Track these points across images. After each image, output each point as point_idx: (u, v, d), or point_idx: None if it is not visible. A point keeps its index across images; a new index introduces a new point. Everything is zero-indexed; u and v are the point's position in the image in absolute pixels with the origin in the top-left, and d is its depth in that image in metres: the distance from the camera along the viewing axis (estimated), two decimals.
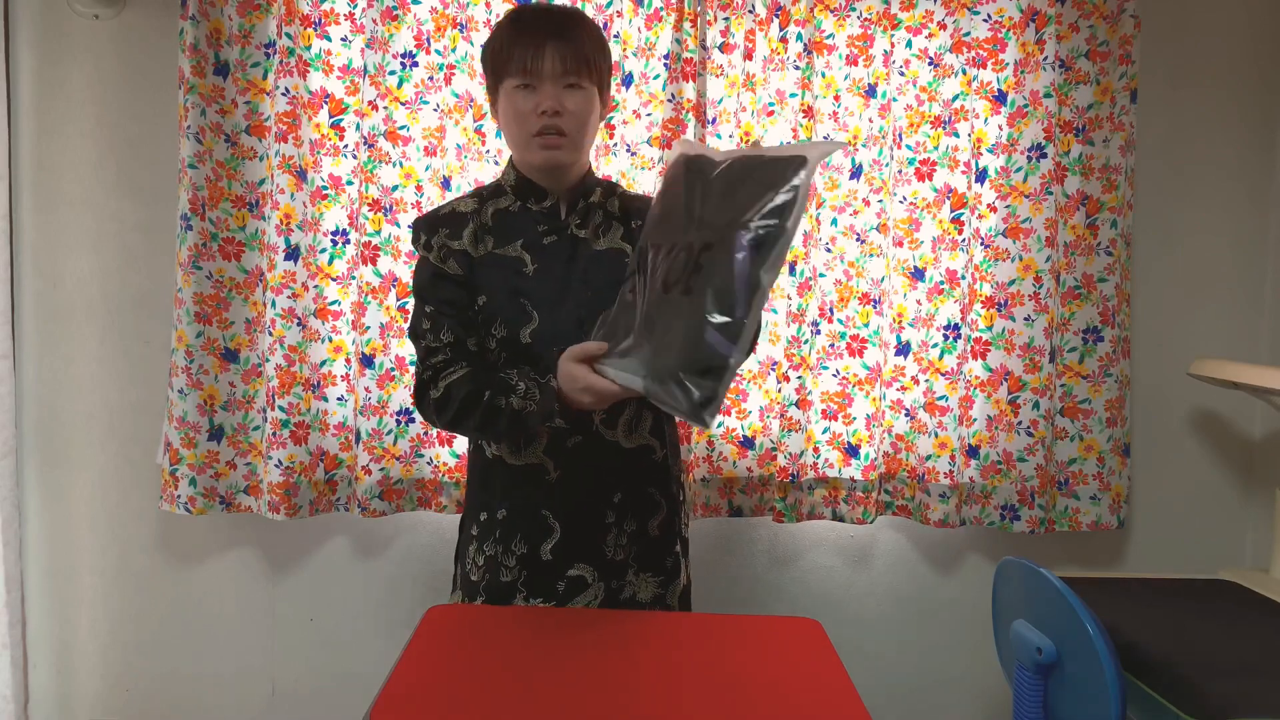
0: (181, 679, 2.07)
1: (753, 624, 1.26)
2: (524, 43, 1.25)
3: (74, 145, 1.95)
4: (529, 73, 1.25)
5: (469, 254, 1.32)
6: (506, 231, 1.34)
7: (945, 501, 1.95)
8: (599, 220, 1.36)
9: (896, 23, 1.91)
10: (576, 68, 1.26)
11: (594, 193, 1.37)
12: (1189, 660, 1.33)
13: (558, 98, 1.26)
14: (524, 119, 1.27)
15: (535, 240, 1.33)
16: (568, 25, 1.28)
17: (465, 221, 1.33)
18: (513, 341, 1.30)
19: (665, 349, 1.09)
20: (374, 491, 1.91)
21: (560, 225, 1.34)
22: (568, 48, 1.25)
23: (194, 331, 1.86)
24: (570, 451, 1.32)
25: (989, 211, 1.94)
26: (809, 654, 1.17)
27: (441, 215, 1.35)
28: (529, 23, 1.28)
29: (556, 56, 1.25)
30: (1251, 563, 2.08)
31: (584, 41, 1.27)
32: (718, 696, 1.02)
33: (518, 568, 1.33)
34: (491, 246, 1.33)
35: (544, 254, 1.33)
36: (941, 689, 2.11)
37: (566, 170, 1.32)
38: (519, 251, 1.33)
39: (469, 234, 1.33)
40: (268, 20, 1.84)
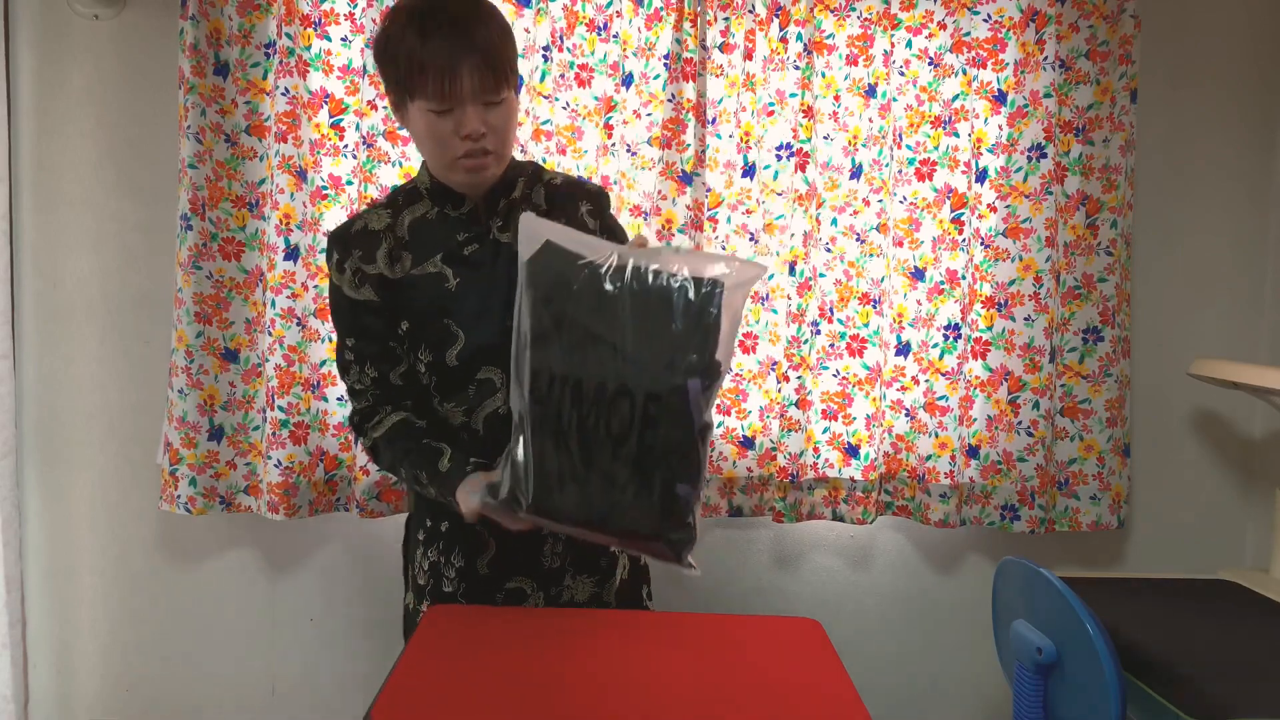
0: (181, 679, 2.07)
1: (753, 624, 1.26)
2: (436, 62, 1.12)
3: (74, 145, 1.95)
4: (446, 98, 1.13)
5: (385, 277, 1.25)
6: (424, 245, 1.25)
7: (945, 501, 1.95)
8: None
9: (896, 23, 1.91)
10: (496, 83, 1.14)
11: (515, 187, 1.28)
12: (1189, 660, 1.33)
13: (480, 118, 1.15)
14: (444, 142, 1.17)
15: (455, 251, 1.25)
16: (478, 32, 1.13)
17: (379, 241, 1.25)
18: (439, 365, 1.25)
19: (630, 508, 1.03)
20: (372, 492, 1.91)
21: (481, 231, 1.26)
22: (485, 62, 1.13)
23: (194, 331, 1.86)
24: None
25: (989, 211, 1.94)
26: (809, 654, 1.17)
27: (354, 233, 1.26)
28: (438, 37, 1.12)
29: (475, 76, 1.12)
30: (1251, 563, 2.08)
31: (496, 46, 1.15)
32: (718, 696, 1.02)
33: (457, 579, 1.33)
34: (410, 265, 1.25)
35: (465, 265, 1.25)
36: (941, 689, 2.11)
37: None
38: (439, 266, 1.25)
39: (383, 255, 1.25)
40: (268, 20, 1.84)
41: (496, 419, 1.27)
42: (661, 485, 1.02)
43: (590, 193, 1.34)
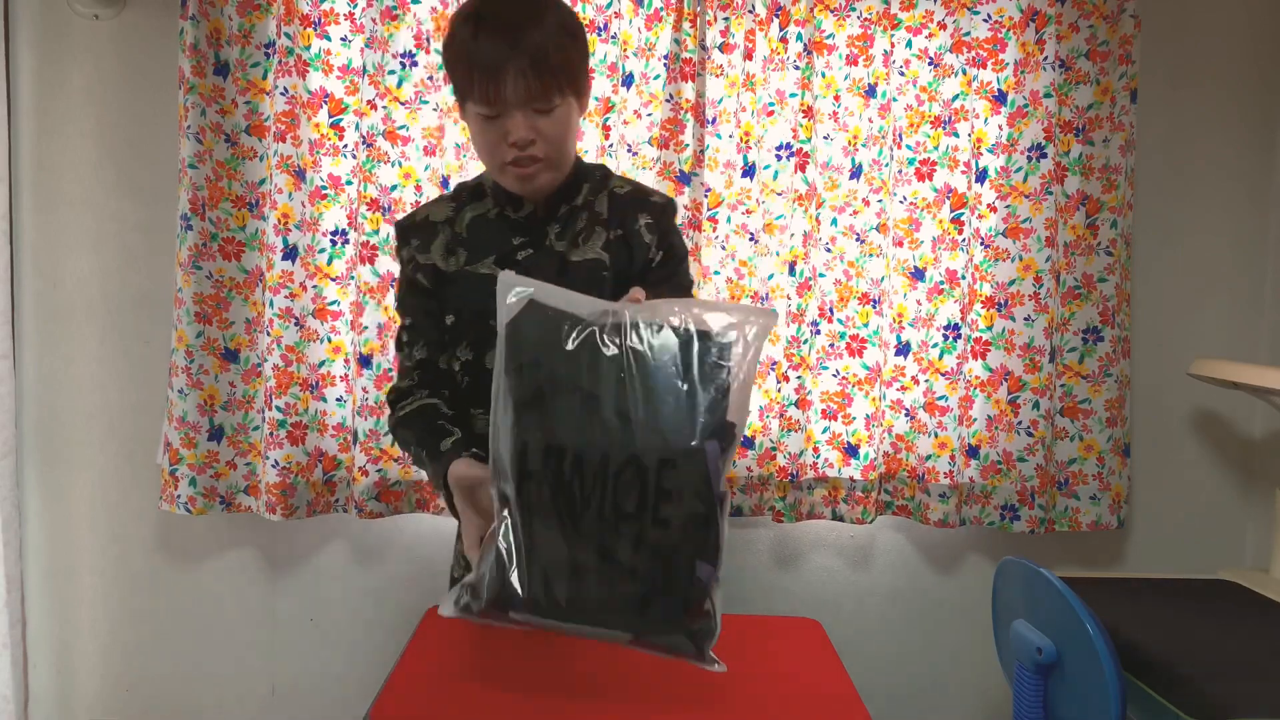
0: (181, 679, 2.07)
1: (753, 624, 1.26)
2: (483, 66, 1.09)
3: (74, 145, 1.95)
4: (492, 102, 1.11)
5: (438, 268, 1.25)
6: (481, 244, 1.25)
7: (945, 501, 1.95)
8: (580, 225, 1.25)
9: (896, 23, 1.91)
10: (546, 89, 1.11)
11: (579, 192, 1.27)
12: (1189, 660, 1.33)
13: (529, 125, 1.12)
14: (494, 148, 1.16)
15: (509, 255, 1.24)
16: (532, 30, 1.10)
17: (436, 232, 1.26)
18: (477, 365, 1.25)
19: (643, 597, 0.91)
20: (371, 493, 1.91)
21: (538, 237, 1.25)
22: (533, 68, 1.09)
23: (194, 331, 1.86)
24: None
25: (989, 211, 1.94)
26: (809, 654, 1.17)
27: (416, 223, 1.28)
28: (486, 38, 1.10)
29: (521, 81, 1.09)
30: (1251, 563, 2.08)
31: (550, 52, 1.11)
32: (718, 696, 1.02)
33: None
34: (464, 261, 1.25)
35: (516, 269, 1.19)
36: (941, 689, 2.11)
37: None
38: (491, 268, 1.23)
39: (439, 246, 1.26)
40: (267, 20, 1.84)
41: None
42: (679, 567, 0.91)
43: (653, 205, 1.28)
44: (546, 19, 1.12)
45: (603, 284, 1.24)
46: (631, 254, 1.26)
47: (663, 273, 1.29)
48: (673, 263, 1.31)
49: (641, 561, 0.91)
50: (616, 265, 1.25)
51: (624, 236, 1.26)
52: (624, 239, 1.25)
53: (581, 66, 1.18)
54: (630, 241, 1.26)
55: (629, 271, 1.25)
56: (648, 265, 1.27)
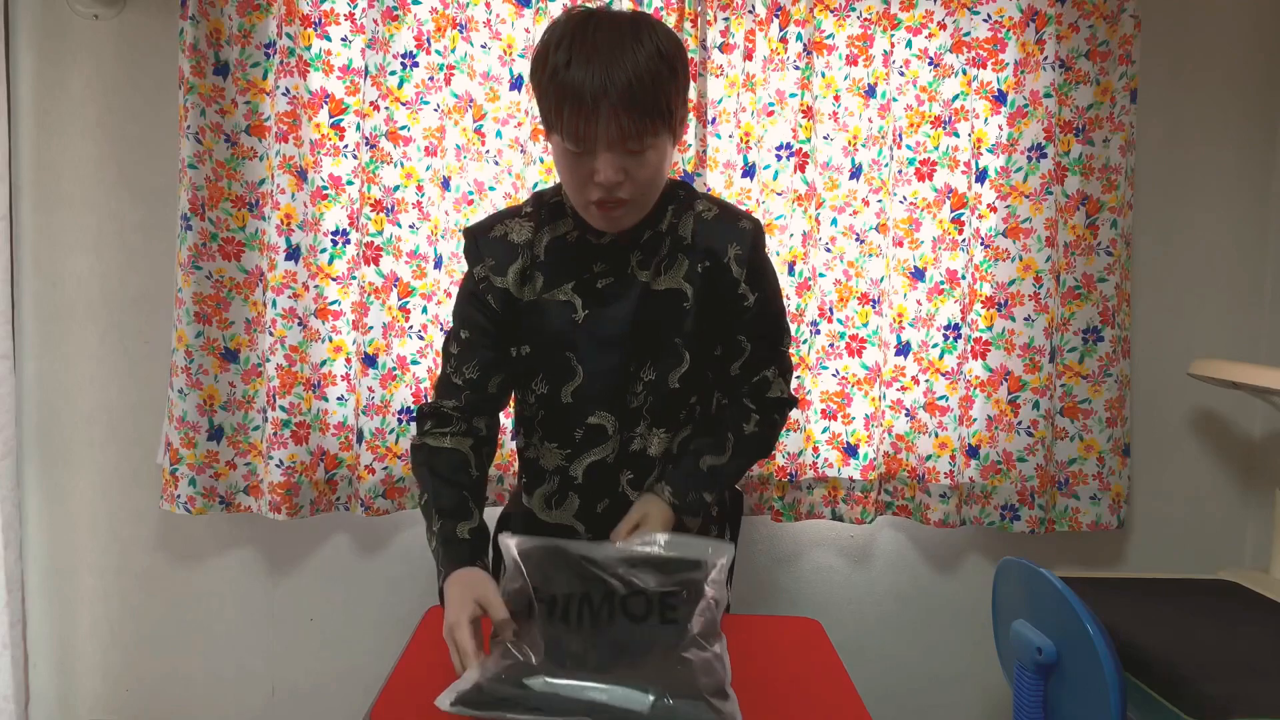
0: (181, 679, 2.07)
1: (753, 624, 1.26)
2: (573, 101, 1.01)
3: (74, 145, 1.95)
4: (582, 140, 1.03)
5: (511, 294, 1.19)
6: (559, 269, 1.19)
7: (945, 501, 1.95)
8: (665, 251, 1.19)
9: (896, 23, 1.91)
10: (638, 132, 1.03)
11: (663, 216, 1.19)
12: (1189, 660, 1.33)
13: (617, 167, 1.05)
14: (579, 184, 1.09)
15: (589, 281, 1.19)
16: (625, 69, 1.00)
17: (515, 255, 1.19)
18: (553, 400, 1.22)
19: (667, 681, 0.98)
20: (377, 490, 1.92)
21: (619, 264, 1.19)
22: (627, 108, 1.01)
23: (194, 331, 1.86)
24: (600, 516, 1.26)
25: (989, 211, 1.94)
26: (809, 654, 1.17)
27: (492, 239, 1.21)
28: (579, 68, 1.01)
29: (615, 122, 1.01)
30: (1251, 563, 2.08)
31: (646, 88, 1.01)
32: None
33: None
34: (540, 289, 1.19)
35: (596, 298, 1.19)
36: (941, 689, 2.11)
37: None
38: (569, 295, 1.18)
39: (516, 271, 1.19)
40: (268, 20, 1.84)
41: (600, 468, 1.23)
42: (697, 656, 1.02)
43: (742, 232, 1.20)
44: (643, 47, 1.03)
45: (682, 316, 1.19)
46: (719, 289, 1.20)
47: (754, 328, 1.24)
48: (766, 311, 1.25)
49: (652, 652, 1.01)
50: (700, 297, 1.19)
51: (711, 269, 1.19)
52: (710, 271, 1.19)
53: (679, 100, 1.10)
54: (717, 274, 1.20)
55: (718, 305, 1.21)
56: (740, 305, 1.22)
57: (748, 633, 1.21)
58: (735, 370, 1.27)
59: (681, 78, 1.09)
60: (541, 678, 0.96)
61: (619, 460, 1.24)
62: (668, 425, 1.24)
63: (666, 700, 0.93)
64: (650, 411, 1.23)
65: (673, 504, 1.20)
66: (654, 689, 0.94)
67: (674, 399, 1.23)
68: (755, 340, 1.26)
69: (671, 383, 1.21)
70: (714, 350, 1.25)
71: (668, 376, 1.21)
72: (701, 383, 1.26)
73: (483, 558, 1.14)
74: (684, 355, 1.21)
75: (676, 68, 1.07)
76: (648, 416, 1.23)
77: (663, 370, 1.21)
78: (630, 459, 1.25)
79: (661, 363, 1.21)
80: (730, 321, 1.23)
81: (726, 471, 1.25)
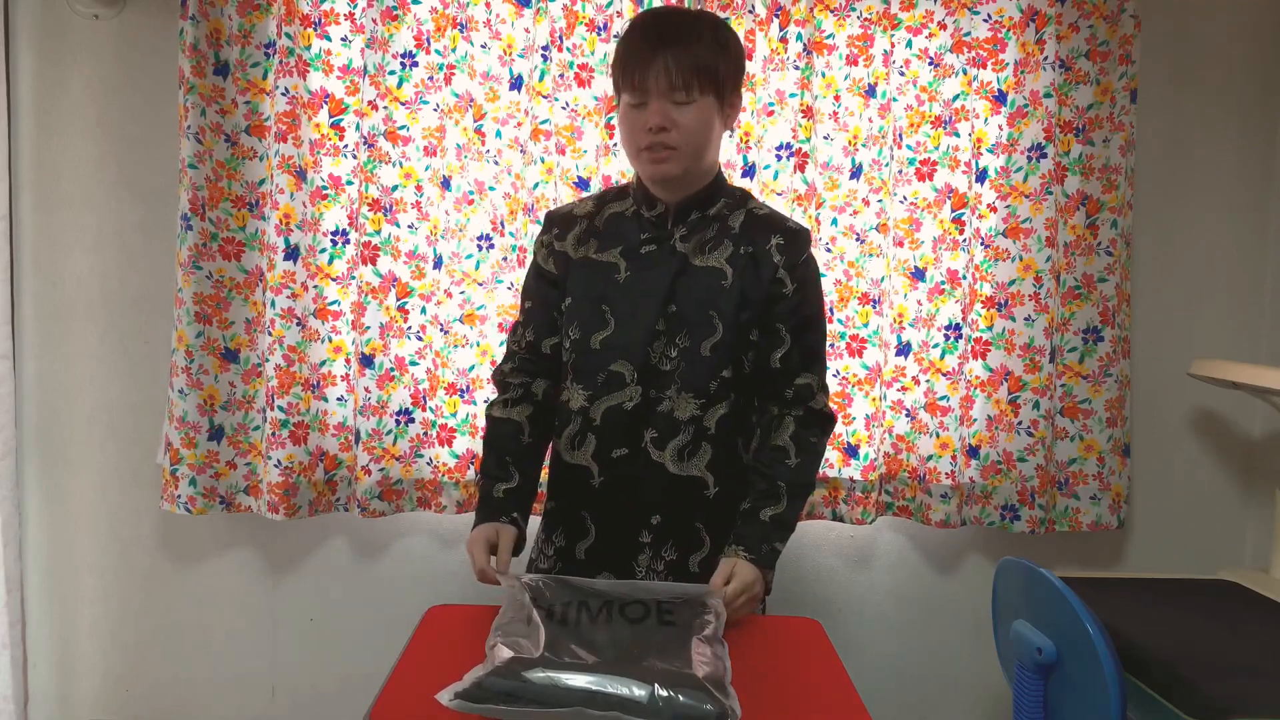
0: (181, 679, 2.07)
1: (753, 624, 1.26)
2: (635, 56, 1.23)
3: (74, 145, 1.95)
4: (637, 88, 1.23)
5: (568, 255, 1.35)
6: (612, 235, 1.35)
7: (946, 502, 1.95)
8: (710, 234, 1.33)
9: (896, 23, 1.91)
10: (686, 81, 1.21)
11: (715, 204, 1.34)
12: (1189, 660, 1.33)
13: (665, 114, 1.22)
14: (634, 134, 1.26)
15: (634, 247, 1.33)
16: (683, 33, 1.23)
17: (575, 223, 1.37)
18: (584, 345, 1.33)
19: (666, 671, 0.99)
20: (374, 492, 1.91)
21: (664, 235, 1.33)
22: (679, 60, 1.21)
23: (194, 331, 1.86)
24: (614, 462, 1.34)
25: (989, 211, 1.94)
26: (809, 654, 1.17)
27: (562, 214, 1.39)
28: (643, 33, 1.24)
29: (664, 71, 1.20)
30: (1251, 563, 2.08)
31: (699, 50, 1.22)
32: None
33: (555, 558, 1.39)
34: (593, 250, 1.35)
35: (638, 262, 1.32)
36: (941, 689, 2.11)
37: (680, 181, 1.30)
38: (615, 258, 1.33)
39: (574, 236, 1.36)
40: (268, 20, 1.84)
41: (616, 413, 1.32)
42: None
43: (788, 229, 1.34)
44: (702, 32, 1.24)
45: (719, 294, 1.30)
46: (759, 272, 1.32)
47: (794, 321, 1.33)
48: (807, 312, 1.35)
49: (666, 648, 1.03)
50: (741, 283, 1.31)
51: (753, 254, 1.32)
52: (753, 256, 1.32)
53: (728, 75, 1.26)
54: (759, 259, 1.32)
55: (756, 290, 1.31)
56: (777, 290, 1.32)
57: (748, 633, 1.21)
58: (776, 362, 1.34)
59: (733, 59, 1.28)
60: (541, 670, 0.96)
61: (643, 415, 1.32)
62: (697, 392, 1.31)
63: (665, 690, 0.93)
64: (681, 376, 1.31)
65: (749, 558, 1.26)
66: (653, 679, 0.95)
67: (705, 366, 1.31)
68: (794, 335, 1.34)
69: (704, 350, 1.30)
70: (750, 334, 1.33)
71: (700, 344, 1.31)
72: (733, 358, 1.33)
73: (513, 514, 1.30)
74: (717, 327, 1.31)
75: (728, 47, 1.27)
76: (679, 380, 1.31)
77: (696, 338, 1.31)
78: (657, 418, 1.32)
79: (696, 331, 1.31)
80: (769, 308, 1.32)
81: (788, 516, 1.33)
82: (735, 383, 1.33)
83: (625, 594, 1.14)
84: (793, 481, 1.33)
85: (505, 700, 0.94)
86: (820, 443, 1.38)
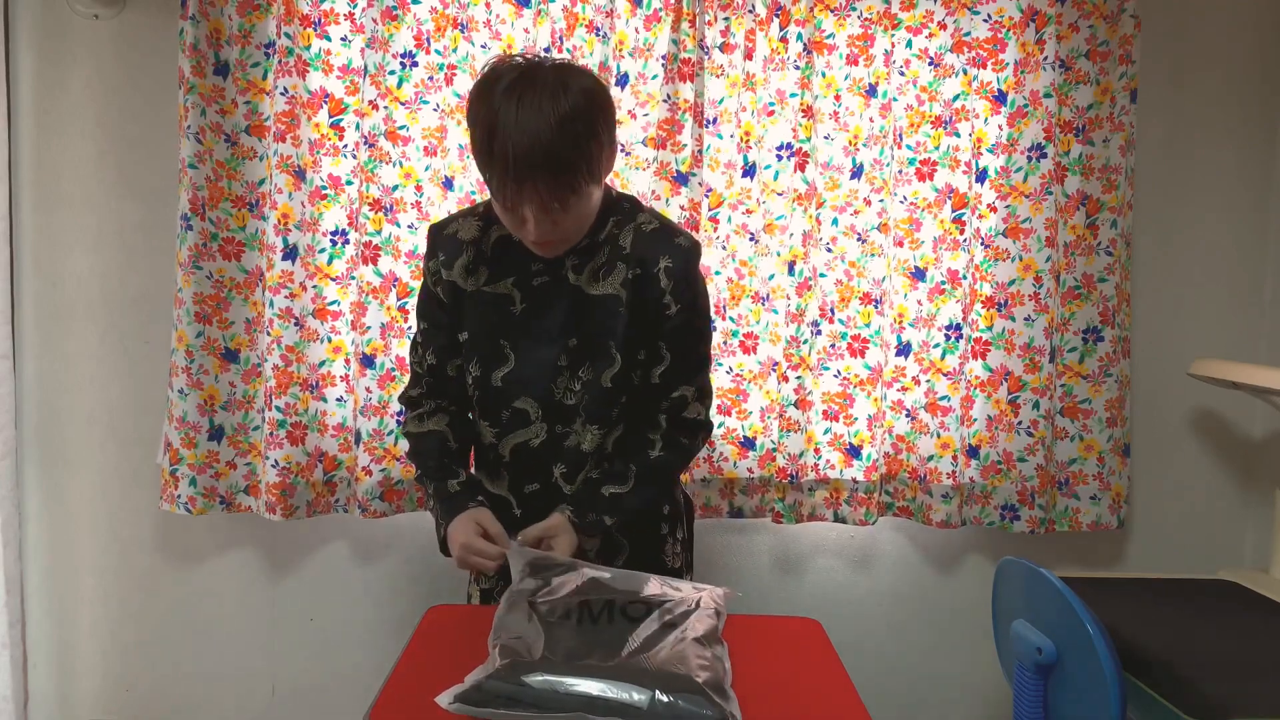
0: (181, 679, 2.07)
1: (753, 624, 1.26)
2: (500, 171, 1.10)
3: (74, 145, 1.95)
4: (510, 205, 1.14)
5: (458, 286, 1.30)
6: (502, 264, 1.29)
7: (947, 502, 1.95)
8: (602, 260, 1.26)
9: (897, 23, 1.91)
10: (562, 199, 1.13)
11: (603, 227, 1.27)
12: (1189, 660, 1.33)
13: (547, 224, 1.15)
14: (514, 226, 1.19)
15: (525, 279, 1.28)
16: (550, 140, 1.08)
17: (461, 251, 1.29)
18: (485, 381, 1.31)
19: (666, 675, 0.98)
20: (374, 492, 1.91)
21: (555, 265, 1.27)
22: (555, 178, 1.10)
23: (194, 331, 1.86)
24: (529, 496, 1.35)
25: (989, 211, 1.94)
26: (809, 654, 1.17)
27: (445, 236, 1.31)
28: (500, 147, 1.08)
29: (539, 193, 1.11)
30: (1251, 563, 2.08)
31: (564, 158, 1.10)
32: None
33: (496, 577, 1.38)
34: (484, 281, 1.29)
35: (533, 294, 1.28)
36: (941, 689, 2.11)
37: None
38: (509, 289, 1.29)
39: (461, 265, 1.29)
40: (267, 20, 1.84)
41: (524, 450, 1.32)
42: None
43: (675, 247, 1.27)
44: (565, 109, 1.09)
45: (617, 319, 1.26)
46: (645, 295, 1.27)
47: (674, 339, 1.29)
48: (689, 329, 1.30)
49: (663, 648, 1.02)
50: (631, 301, 1.27)
51: (641, 277, 1.26)
52: (640, 279, 1.26)
53: (602, 148, 1.17)
54: (646, 282, 1.26)
55: (642, 311, 1.27)
56: (662, 313, 1.27)
57: (748, 633, 1.21)
58: (656, 378, 1.32)
59: (605, 128, 1.16)
60: (541, 674, 0.96)
61: (551, 451, 1.32)
62: (600, 422, 1.31)
63: (666, 696, 0.93)
64: (585, 409, 1.30)
65: (573, 522, 1.26)
66: (653, 684, 0.94)
67: (607, 397, 1.30)
68: (674, 353, 1.31)
69: (605, 382, 1.28)
70: (638, 353, 1.30)
71: (601, 376, 1.28)
72: (628, 382, 1.31)
73: (477, 499, 1.29)
74: (615, 357, 1.28)
75: (597, 124, 1.14)
76: (583, 414, 1.30)
77: (597, 370, 1.28)
78: (565, 453, 1.32)
79: (596, 363, 1.28)
80: (654, 328, 1.29)
81: (629, 500, 1.30)
82: (629, 404, 1.33)
83: (621, 588, 1.12)
84: (646, 469, 1.31)
85: (505, 704, 0.94)
86: (691, 444, 1.36)
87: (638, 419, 1.34)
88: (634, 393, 1.32)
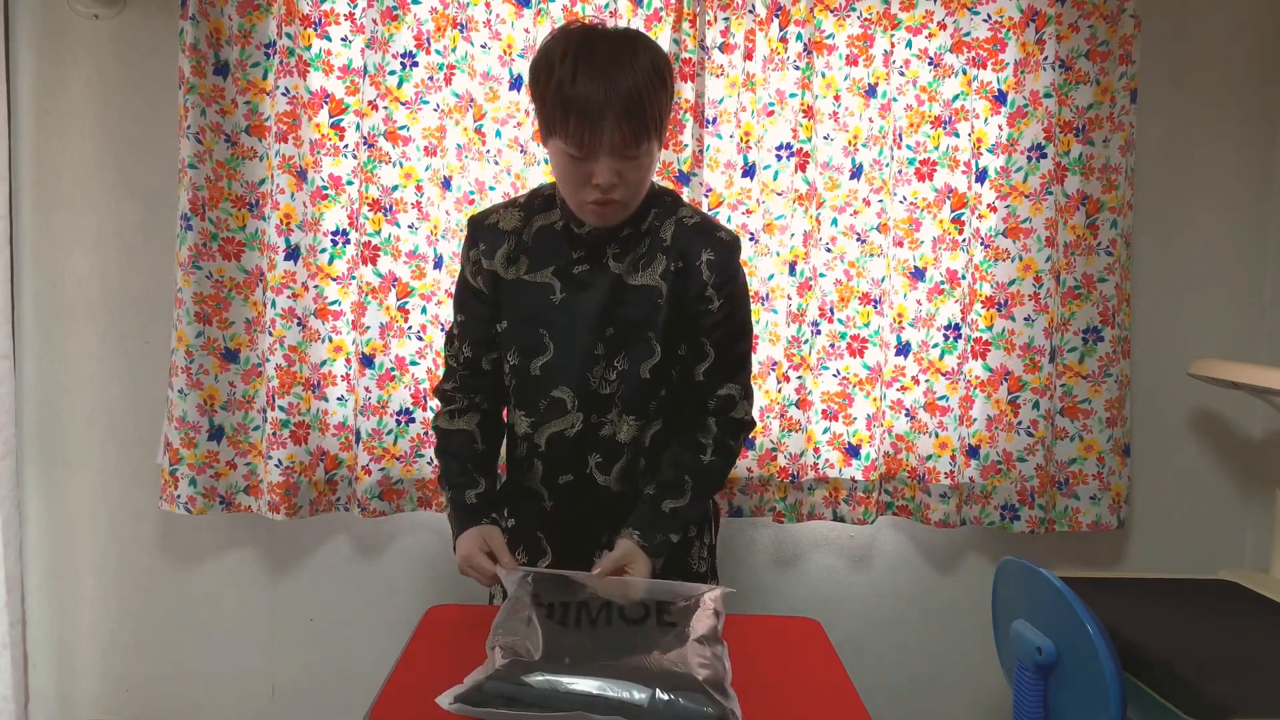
0: (182, 679, 2.07)
1: (753, 624, 1.26)
2: (580, 111, 1.10)
3: (74, 145, 1.95)
4: (584, 147, 1.12)
5: (499, 275, 1.30)
6: (543, 253, 1.29)
7: (946, 502, 1.95)
8: (643, 250, 1.26)
9: (896, 23, 1.91)
10: (637, 138, 1.13)
11: (645, 217, 1.27)
12: (1189, 660, 1.33)
13: (615, 171, 1.15)
14: (576, 185, 1.17)
15: (567, 266, 1.27)
16: (625, 81, 1.10)
17: (502, 240, 1.29)
18: (523, 371, 1.31)
19: (666, 674, 0.99)
20: (374, 491, 1.91)
21: (596, 254, 1.27)
22: (628, 118, 1.11)
23: (194, 331, 1.86)
24: (562, 488, 1.35)
25: (989, 211, 1.94)
26: (809, 654, 1.17)
27: (486, 225, 1.31)
28: (585, 83, 1.10)
29: (617, 131, 1.11)
30: (1251, 563, 2.08)
31: (644, 100, 1.12)
32: None
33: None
34: (524, 270, 1.29)
35: (572, 282, 1.27)
36: (941, 689, 2.11)
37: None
38: (549, 278, 1.28)
39: (503, 254, 1.29)
40: (268, 20, 1.84)
41: (559, 439, 1.31)
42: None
43: (718, 241, 1.28)
44: (640, 60, 1.13)
45: (656, 310, 1.26)
46: (687, 287, 1.27)
47: (718, 334, 1.30)
48: (732, 325, 1.31)
49: (657, 647, 1.03)
50: (672, 295, 1.26)
51: (683, 269, 1.26)
52: (683, 271, 1.26)
53: (668, 109, 1.21)
54: (688, 274, 1.26)
55: (683, 305, 1.27)
56: (704, 308, 1.28)
57: (748, 633, 1.21)
58: (700, 375, 1.32)
59: (670, 88, 1.20)
60: (541, 674, 0.96)
61: (587, 440, 1.31)
62: (638, 413, 1.30)
63: (666, 694, 0.93)
64: (622, 399, 1.30)
65: (642, 546, 1.25)
66: (653, 682, 0.94)
67: (644, 388, 1.29)
68: (718, 349, 1.31)
69: (643, 373, 1.28)
70: (678, 348, 1.31)
71: (639, 367, 1.28)
72: (667, 375, 1.31)
73: (490, 515, 1.31)
74: (655, 348, 1.28)
75: (667, 80, 1.18)
76: (619, 404, 1.30)
77: (635, 360, 1.28)
78: (600, 443, 1.32)
79: (634, 353, 1.28)
80: (695, 322, 1.29)
81: (689, 512, 1.30)
82: (669, 398, 1.32)
83: (622, 594, 1.14)
84: (700, 477, 1.31)
85: (505, 704, 0.94)
86: (736, 445, 1.36)
87: (683, 420, 1.34)
88: (674, 388, 1.32)
